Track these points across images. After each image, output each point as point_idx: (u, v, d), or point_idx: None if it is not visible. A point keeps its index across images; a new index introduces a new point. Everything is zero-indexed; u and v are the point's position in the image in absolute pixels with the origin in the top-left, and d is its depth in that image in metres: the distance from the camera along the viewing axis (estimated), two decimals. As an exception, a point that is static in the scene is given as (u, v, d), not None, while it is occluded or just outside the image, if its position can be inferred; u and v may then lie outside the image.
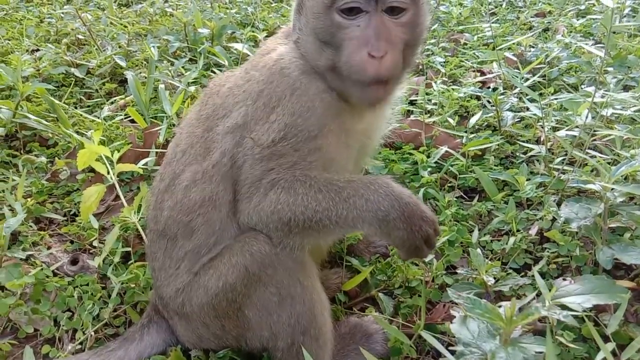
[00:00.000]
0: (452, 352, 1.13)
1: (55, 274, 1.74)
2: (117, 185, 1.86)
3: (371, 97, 1.30)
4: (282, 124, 1.29)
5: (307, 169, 1.29)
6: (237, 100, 1.37)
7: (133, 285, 1.65)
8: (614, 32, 3.22)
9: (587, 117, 1.87)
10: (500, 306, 1.13)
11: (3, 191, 2.00)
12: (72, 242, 1.92)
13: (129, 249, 1.80)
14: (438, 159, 2.13)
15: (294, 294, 1.28)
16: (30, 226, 1.95)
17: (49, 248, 1.86)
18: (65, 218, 2.05)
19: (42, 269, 1.69)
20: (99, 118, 2.54)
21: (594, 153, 1.95)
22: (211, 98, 1.46)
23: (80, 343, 1.53)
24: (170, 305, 1.41)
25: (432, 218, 1.26)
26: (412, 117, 2.49)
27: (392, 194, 1.24)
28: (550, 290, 1.29)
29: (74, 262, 1.78)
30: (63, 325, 1.57)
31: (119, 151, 1.91)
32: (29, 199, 2.02)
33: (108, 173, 1.86)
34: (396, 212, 1.22)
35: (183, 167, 1.40)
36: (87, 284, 1.66)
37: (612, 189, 1.52)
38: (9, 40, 3.55)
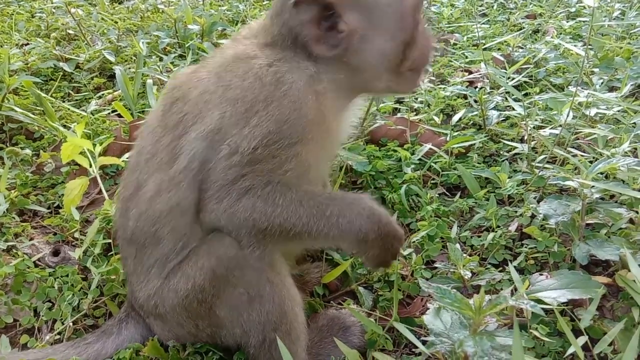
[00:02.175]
0: (425, 343, 1.14)
1: (36, 265, 1.74)
2: (99, 179, 1.86)
3: (422, 80, 1.46)
4: (266, 130, 1.25)
5: (283, 176, 1.27)
6: (210, 106, 1.30)
7: (113, 277, 1.65)
8: (602, 34, 3.26)
9: (567, 116, 1.89)
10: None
11: (-13, 182, 2.00)
12: (54, 234, 1.92)
13: (110, 240, 1.80)
14: (422, 156, 2.14)
15: (262, 293, 1.28)
16: (14, 218, 1.95)
17: (31, 239, 1.86)
18: (49, 210, 2.05)
19: (23, 260, 1.69)
20: (86, 112, 2.54)
21: (575, 151, 1.97)
22: (176, 105, 1.36)
23: (59, 333, 1.53)
24: (145, 307, 1.41)
25: (402, 235, 1.34)
26: (398, 114, 2.50)
27: (373, 216, 1.27)
28: (525, 285, 1.31)
29: (55, 253, 1.78)
30: (43, 316, 1.57)
31: (101, 144, 1.91)
32: (12, 191, 2.02)
33: (90, 166, 1.86)
34: (375, 234, 1.27)
35: (146, 177, 1.35)
36: (68, 275, 1.66)
37: (592, 186, 1.54)
38: (-1, 34, 3.56)
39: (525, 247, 1.66)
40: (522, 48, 3.19)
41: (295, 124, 1.26)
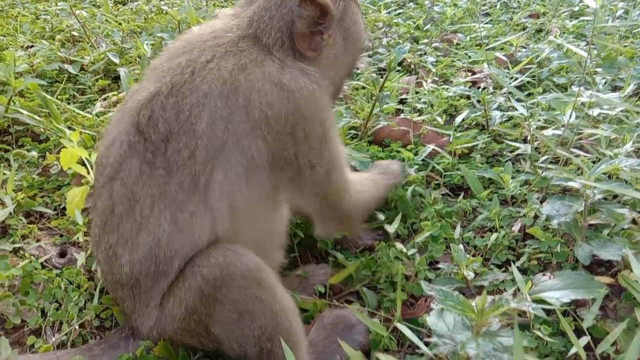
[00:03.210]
0: (429, 344, 1.15)
1: (43, 266, 1.76)
2: (96, 187, 1.88)
3: None
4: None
5: None
6: (234, 135, 1.29)
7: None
8: (605, 34, 3.25)
9: (570, 117, 1.90)
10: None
11: (-6, 185, 2.03)
12: (61, 235, 1.94)
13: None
14: (425, 157, 2.15)
15: (252, 309, 1.28)
16: (20, 219, 1.97)
17: (38, 241, 1.88)
18: (55, 212, 2.07)
19: (30, 262, 1.71)
20: (91, 114, 2.55)
21: (578, 152, 1.98)
22: (173, 143, 1.28)
23: (66, 334, 1.55)
24: (150, 337, 1.41)
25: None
26: (401, 115, 2.51)
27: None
28: (527, 285, 1.32)
29: (62, 254, 1.80)
30: (50, 316, 1.59)
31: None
32: (19, 193, 2.04)
33: (88, 173, 1.88)
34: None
35: (151, 221, 1.29)
36: (74, 276, 1.67)
37: (594, 187, 1.55)
38: (4, 36, 3.58)
39: (529, 248, 1.67)
40: (525, 48, 3.20)
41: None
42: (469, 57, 3.21)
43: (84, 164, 1.93)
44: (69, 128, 2.42)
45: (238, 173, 1.31)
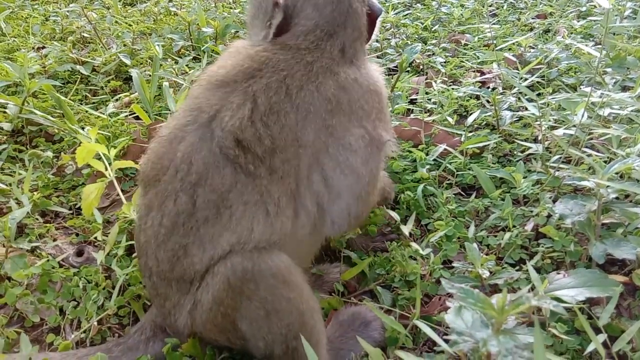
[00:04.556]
0: (446, 342, 1.16)
1: (60, 265, 1.78)
2: (115, 183, 1.90)
3: None
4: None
5: None
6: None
7: (137, 275, 1.68)
8: (614, 34, 3.26)
9: (582, 116, 1.91)
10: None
11: (10, 185, 2.05)
12: (77, 234, 1.96)
13: (133, 242, 1.83)
14: (437, 157, 2.16)
15: (279, 308, 1.29)
16: (37, 219, 1.99)
17: (54, 240, 1.90)
18: (70, 211, 2.09)
19: (48, 260, 1.73)
20: (104, 114, 2.58)
21: (590, 151, 1.99)
22: (270, 158, 1.36)
23: (84, 332, 1.57)
24: (183, 332, 1.42)
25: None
26: (412, 115, 2.52)
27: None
28: (543, 283, 1.33)
29: (79, 253, 1.82)
30: (68, 314, 1.61)
31: (115, 147, 1.95)
32: (35, 193, 2.06)
33: (106, 169, 1.89)
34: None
35: (235, 227, 1.33)
36: (92, 275, 1.69)
37: (607, 186, 1.56)
38: (15, 37, 3.60)
39: (542, 247, 1.68)
40: (533, 48, 3.20)
41: None
42: (478, 57, 3.22)
43: (99, 160, 1.94)
44: (82, 128, 2.44)
45: (334, 171, 1.44)
